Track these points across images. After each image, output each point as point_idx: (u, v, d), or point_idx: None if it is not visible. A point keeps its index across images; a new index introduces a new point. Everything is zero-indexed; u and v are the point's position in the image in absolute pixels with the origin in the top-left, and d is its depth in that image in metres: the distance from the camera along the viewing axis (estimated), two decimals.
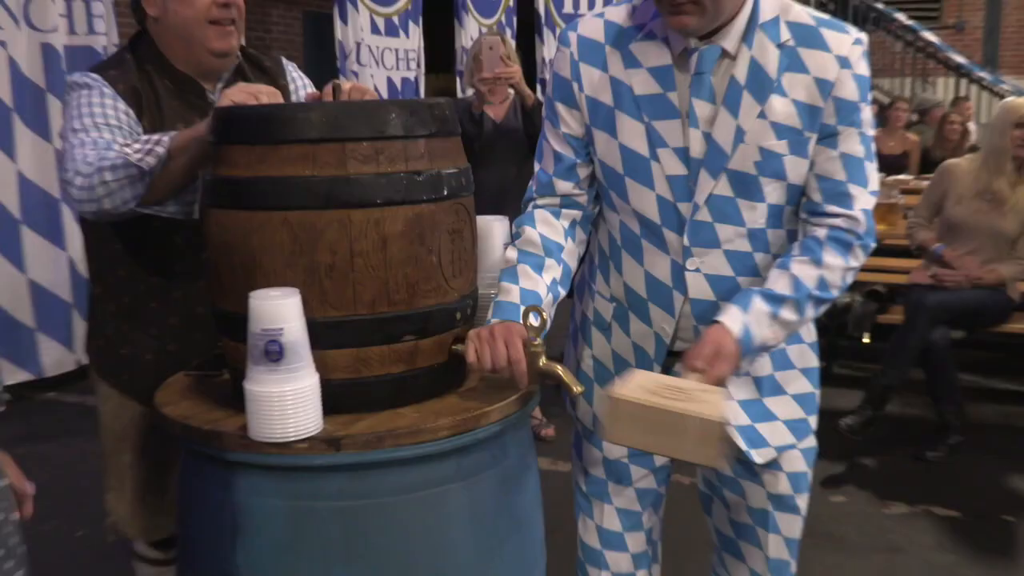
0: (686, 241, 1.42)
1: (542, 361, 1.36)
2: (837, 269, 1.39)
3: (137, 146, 1.52)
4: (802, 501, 1.58)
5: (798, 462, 1.55)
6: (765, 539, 1.58)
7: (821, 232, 1.39)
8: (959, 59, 9.83)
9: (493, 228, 1.64)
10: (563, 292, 1.48)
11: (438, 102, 1.39)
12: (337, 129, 1.28)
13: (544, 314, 1.36)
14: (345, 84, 1.56)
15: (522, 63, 3.45)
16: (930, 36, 10.02)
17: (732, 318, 1.35)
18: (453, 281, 1.40)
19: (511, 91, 3.44)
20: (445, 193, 1.37)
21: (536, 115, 3.28)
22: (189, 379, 1.56)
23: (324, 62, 6.05)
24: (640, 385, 1.26)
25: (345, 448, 1.27)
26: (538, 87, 6.43)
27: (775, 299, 1.37)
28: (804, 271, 1.37)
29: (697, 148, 1.38)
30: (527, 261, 1.46)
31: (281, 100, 1.57)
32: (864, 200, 1.39)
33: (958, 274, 3.61)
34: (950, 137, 6.45)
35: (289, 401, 1.23)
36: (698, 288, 1.44)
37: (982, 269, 3.60)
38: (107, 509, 1.86)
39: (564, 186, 1.50)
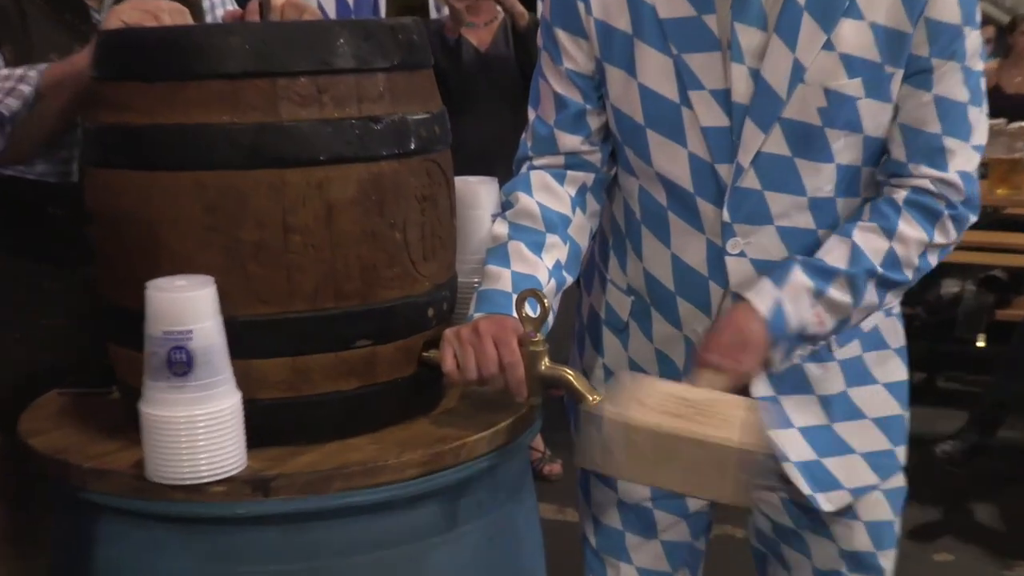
0: (727, 216, 1.42)
1: (545, 364, 1.36)
2: (914, 243, 1.40)
3: None
4: (887, 560, 1.59)
5: (881, 508, 1.57)
6: None
7: (900, 194, 1.41)
8: None
9: (478, 194, 1.64)
10: (570, 279, 1.49)
11: (403, 23, 1.39)
12: (266, 60, 1.28)
13: (545, 301, 1.36)
14: None
15: None
16: None
17: (760, 294, 1.37)
18: (424, 265, 1.41)
19: (498, 9, 3.45)
20: (412, 147, 1.37)
21: (532, 41, 3.27)
22: (65, 399, 1.56)
23: None
24: (638, 400, 1.26)
25: (278, 493, 1.27)
26: (539, 3, 6.42)
27: (822, 272, 1.38)
28: (869, 241, 1.39)
29: (742, 90, 1.38)
30: (522, 238, 1.47)
31: (190, 20, 1.57)
32: (964, 158, 1.40)
33: None
34: None
35: (201, 429, 1.22)
36: (742, 278, 1.45)
37: None
38: None
39: (569, 140, 1.51)
